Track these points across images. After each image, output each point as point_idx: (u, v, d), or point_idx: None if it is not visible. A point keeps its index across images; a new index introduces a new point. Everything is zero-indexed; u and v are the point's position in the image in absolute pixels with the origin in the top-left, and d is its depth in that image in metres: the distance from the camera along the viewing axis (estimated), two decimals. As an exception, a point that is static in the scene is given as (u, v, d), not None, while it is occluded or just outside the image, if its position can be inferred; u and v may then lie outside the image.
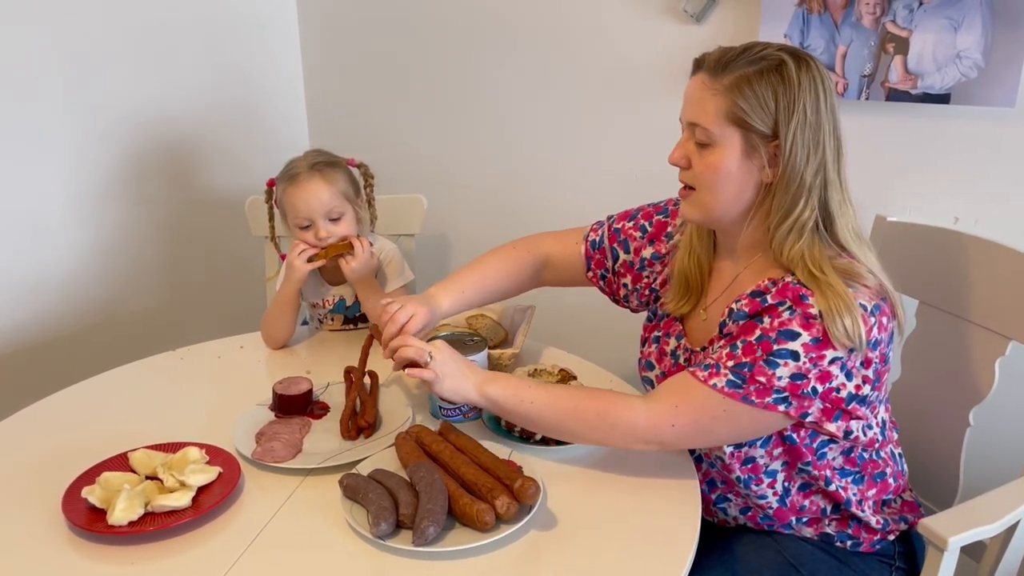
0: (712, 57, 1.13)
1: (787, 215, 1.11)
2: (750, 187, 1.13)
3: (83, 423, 1.37)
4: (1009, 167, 1.52)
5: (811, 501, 1.23)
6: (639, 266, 1.40)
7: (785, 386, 1.07)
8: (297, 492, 1.18)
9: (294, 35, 2.47)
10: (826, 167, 1.10)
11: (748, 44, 1.13)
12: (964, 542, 1.08)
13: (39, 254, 2.00)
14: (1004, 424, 1.48)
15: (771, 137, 1.10)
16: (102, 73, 2.02)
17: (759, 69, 1.09)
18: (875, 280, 1.10)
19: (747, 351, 1.09)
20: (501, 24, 2.11)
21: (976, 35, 1.45)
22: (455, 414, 1.35)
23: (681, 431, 1.14)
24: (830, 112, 1.11)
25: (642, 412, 1.15)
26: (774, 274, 1.14)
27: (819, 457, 1.18)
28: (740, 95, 1.09)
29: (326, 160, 1.63)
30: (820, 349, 1.06)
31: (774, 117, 1.09)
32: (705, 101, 1.12)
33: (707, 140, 1.13)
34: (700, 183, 1.16)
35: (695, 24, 1.79)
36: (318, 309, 1.74)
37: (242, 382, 1.51)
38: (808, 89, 1.08)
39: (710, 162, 1.13)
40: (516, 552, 1.05)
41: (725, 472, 1.22)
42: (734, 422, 1.11)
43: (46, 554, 1.06)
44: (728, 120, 1.10)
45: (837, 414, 1.10)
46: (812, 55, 1.13)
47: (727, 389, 1.09)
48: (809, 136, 1.09)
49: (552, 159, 2.14)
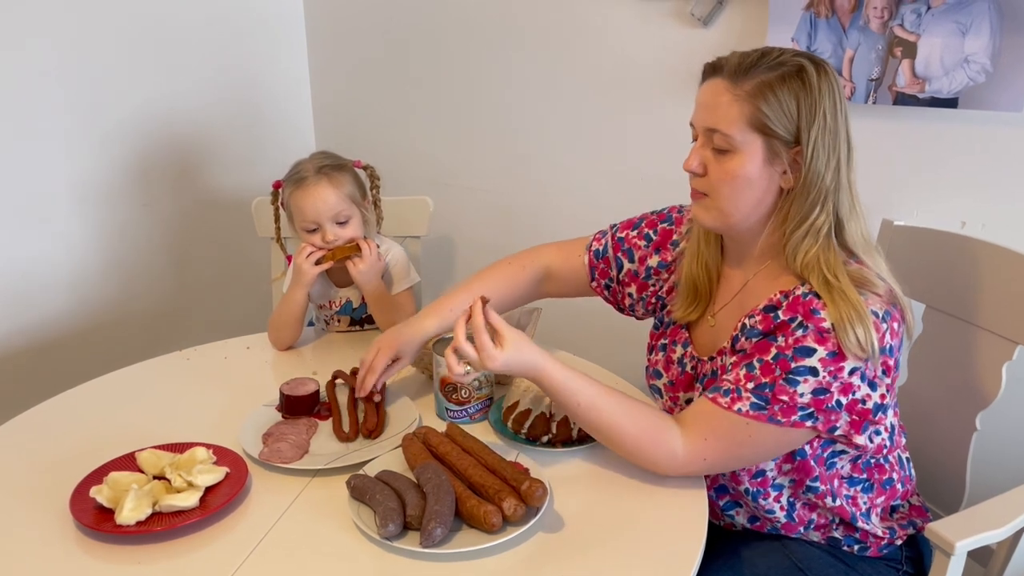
0: (732, 62, 1.11)
1: (804, 220, 1.10)
2: (770, 193, 1.13)
3: (91, 423, 1.37)
4: (1016, 171, 1.52)
5: (817, 514, 1.23)
6: (644, 275, 1.39)
7: (809, 402, 1.07)
8: (304, 493, 1.18)
9: (301, 37, 2.48)
10: (842, 172, 1.11)
11: (764, 49, 1.12)
12: (971, 547, 1.08)
13: (47, 255, 2.01)
14: (1011, 429, 1.48)
15: (793, 143, 1.09)
16: (109, 75, 2.03)
17: (780, 75, 1.08)
18: (885, 286, 1.10)
19: (765, 371, 1.09)
20: (508, 27, 2.11)
21: (984, 39, 1.45)
22: (462, 415, 1.36)
23: (713, 463, 1.14)
24: (844, 117, 1.11)
25: (680, 449, 1.13)
26: (785, 284, 1.13)
27: (828, 467, 1.17)
28: (764, 100, 1.08)
29: (333, 163, 1.64)
30: (838, 362, 1.06)
31: (796, 123, 1.08)
32: (726, 107, 1.10)
33: (727, 146, 1.11)
34: (717, 189, 1.14)
35: (702, 28, 1.79)
36: (325, 311, 1.74)
37: (249, 383, 1.51)
38: (827, 94, 1.08)
39: (729, 168, 1.12)
40: (523, 554, 1.05)
41: (734, 483, 1.22)
42: (762, 443, 1.11)
43: (54, 554, 1.07)
44: (750, 126, 1.09)
45: (864, 426, 1.10)
46: (825, 60, 1.13)
47: (752, 412, 1.09)
48: (828, 141, 1.09)
49: (559, 162, 2.14)
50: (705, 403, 1.14)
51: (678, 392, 1.30)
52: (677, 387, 1.30)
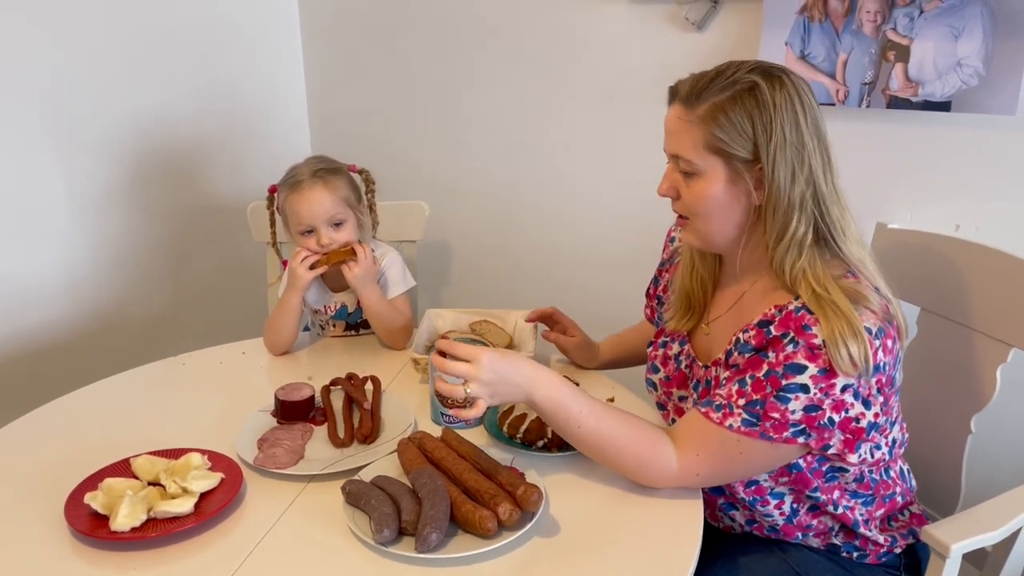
0: (685, 87, 1.12)
1: (782, 234, 1.10)
2: (740, 211, 1.13)
3: (86, 429, 1.37)
4: (1010, 174, 1.52)
5: (819, 521, 1.22)
6: (654, 280, 1.46)
7: (800, 419, 1.06)
8: (299, 498, 1.18)
9: (296, 41, 2.48)
10: (816, 182, 1.09)
11: (720, 67, 1.12)
12: (966, 549, 1.08)
13: (43, 260, 2.00)
14: (1006, 431, 1.48)
15: (753, 161, 1.09)
16: (105, 79, 2.03)
17: (732, 95, 1.08)
18: (881, 302, 1.08)
19: (756, 388, 1.08)
20: (503, 32, 2.11)
21: (977, 43, 1.45)
22: (457, 420, 1.35)
23: (705, 478, 1.15)
24: (812, 125, 1.09)
25: (673, 463, 1.13)
26: (780, 298, 1.12)
27: (827, 480, 1.17)
28: (716, 124, 1.08)
29: (328, 167, 1.64)
30: (829, 379, 1.04)
31: (753, 141, 1.08)
32: (683, 133, 1.11)
33: (691, 170, 1.12)
34: (691, 212, 1.16)
35: (697, 32, 1.80)
36: (320, 315, 1.74)
37: (244, 388, 1.51)
38: (784, 108, 1.07)
39: (696, 191, 1.13)
40: (518, 559, 1.05)
41: (729, 490, 1.22)
42: (753, 459, 1.11)
43: (49, 560, 1.06)
44: (708, 150, 1.10)
45: (858, 444, 1.09)
46: (787, 70, 1.11)
47: (743, 428, 1.08)
48: (792, 155, 1.07)
49: (554, 166, 2.14)
50: (697, 417, 1.13)
51: (672, 388, 1.30)
52: (672, 383, 1.30)
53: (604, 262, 2.11)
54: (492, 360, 1.13)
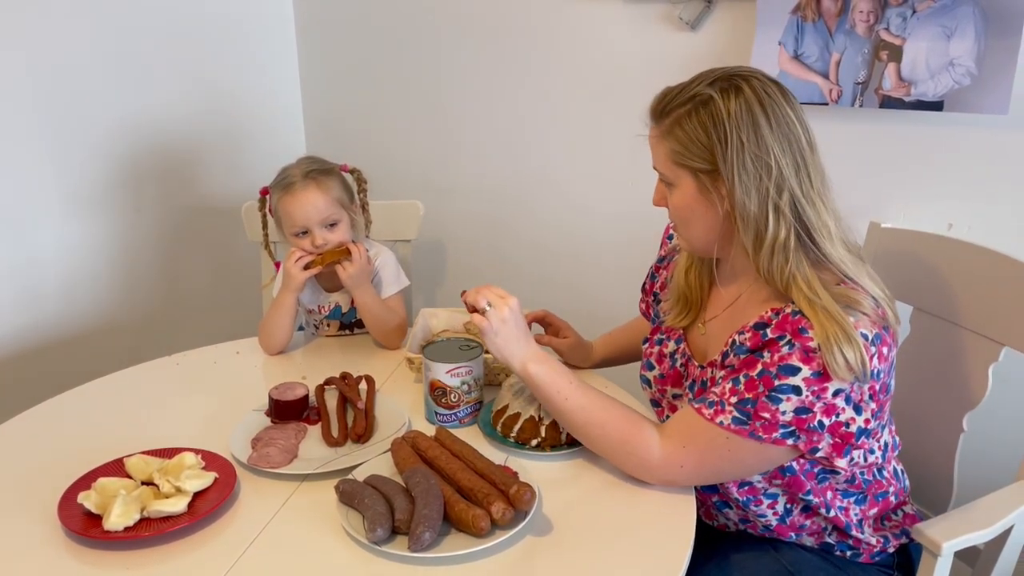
0: (654, 102, 1.16)
1: (760, 239, 1.09)
2: (715, 220, 1.14)
3: (79, 429, 1.37)
4: (1002, 173, 1.53)
5: (812, 521, 1.22)
6: (650, 276, 1.47)
7: (790, 420, 1.06)
8: (293, 498, 1.18)
9: (291, 41, 2.48)
10: (789, 185, 1.07)
11: (688, 81, 1.13)
12: (958, 547, 1.08)
13: (35, 260, 2.00)
14: (998, 429, 1.49)
15: (715, 171, 1.10)
16: (99, 79, 2.03)
17: (687, 110, 1.10)
18: (874, 307, 1.08)
19: (749, 387, 1.08)
20: (497, 31, 2.11)
21: (969, 43, 1.46)
22: (451, 419, 1.36)
23: (690, 472, 1.15)
24: (778, 128, 1.08)
25: (656, 450, 1.15)
26: (777, 303, 1.12)
27: (820, 481, 1.17)
28: (674, 138, 1.12)
29: (320, 167, 1.64)
30: (822, 382, 1.05)
31: (710, 151, 1.09)
32: (655, 148, 1.16)
33: (668, 182, 1.17)
34: (675, 221, 1.20)
35: (691, 32, 1.80)
36: (314, 315, 1.74)
37: (238, 388, 1.51)
38: (740, 116, 1.07)
39: (675, 203, 1.17)
40: (512, 558, 1.05)
41: (723, 490, 1.22)
42: (742, 459, 1.11)
43: (42, 560, 1.06)
44: (675, 163, 1.13)
45: (847, 449, 1.09)
46: (755, 75, 1.10)
47: (733, 426, 1.09)
48: (752, 162, 1.07)
49: (548, 165, 2.14)
50: (689, 412, 1.14)
51: (666, 386, 1.31)
52: (666, 380, 1.31)
53: (598, 262, 2.12)
54: (516, 313, 1.23)
